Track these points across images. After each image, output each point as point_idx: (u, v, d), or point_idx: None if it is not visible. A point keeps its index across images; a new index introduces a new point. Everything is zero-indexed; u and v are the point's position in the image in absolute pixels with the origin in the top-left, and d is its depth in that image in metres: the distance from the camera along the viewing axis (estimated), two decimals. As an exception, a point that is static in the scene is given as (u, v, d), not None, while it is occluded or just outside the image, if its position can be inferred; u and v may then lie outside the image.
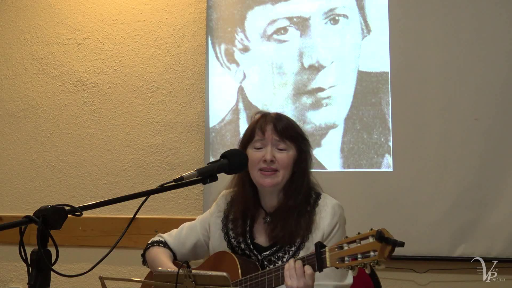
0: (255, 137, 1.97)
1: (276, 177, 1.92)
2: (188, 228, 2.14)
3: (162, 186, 1.47)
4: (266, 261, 1.94)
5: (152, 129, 3.52)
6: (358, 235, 1.52)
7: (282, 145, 1.94)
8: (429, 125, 2.96)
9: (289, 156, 1.93)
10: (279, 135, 1.93)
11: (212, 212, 2.11)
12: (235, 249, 2.00)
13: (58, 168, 3.66)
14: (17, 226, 1.22)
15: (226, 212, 2.07)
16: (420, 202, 2.93)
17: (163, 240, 2.13)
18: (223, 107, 3.30)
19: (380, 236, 1.43)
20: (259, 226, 2.01)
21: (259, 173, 1.93)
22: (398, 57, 3.02)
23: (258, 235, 1.99)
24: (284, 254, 1.92)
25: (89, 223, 3.46)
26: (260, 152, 1.94)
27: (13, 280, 3.66)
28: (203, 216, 2.16)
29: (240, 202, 2.01)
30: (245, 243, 1.99)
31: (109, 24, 3.64)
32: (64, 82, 3.69)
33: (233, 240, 2.01)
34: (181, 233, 2.13)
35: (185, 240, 2.11)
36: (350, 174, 3.04)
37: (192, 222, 2.16)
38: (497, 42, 2.89)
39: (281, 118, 2.00)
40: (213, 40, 3.34)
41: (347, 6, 3.13)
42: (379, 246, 1.44)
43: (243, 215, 2.00)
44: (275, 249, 1.93)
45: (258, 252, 1.96)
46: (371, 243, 1.46)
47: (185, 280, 1.53)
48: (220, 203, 2.10)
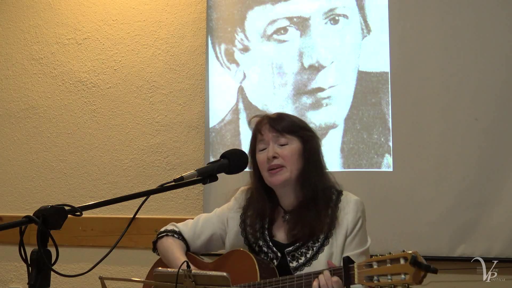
0: (257, 140, 1.98)
1: (284, 173, 1.92)
2: (204, 220, 2.12)
3: (162, 186, 1.47)
4: (290, 256, 1.92)
5: (152, 129, 3.52)
6: (389, 255, 1.50)
7: (283, 140, 1.94)
8: (429, 125, 2.96)
9: (292, 149, 1.93)
10: (276, 131, 1.94)
11: (231, 207, 2.10)
12: (252, 245, 1.99)
13: (58, 168, 3.66)
14: (17, 226, 1.22)
15: (245, 208, 2.05)
16: (420, 202, 2.93)
17: (177, 230, 2.10)
18: (223, 107, 3.30)
19: (414, 261, 1.42)
20: (278, 224, 2.00)
21: (268, 173, 1.94)
22: (398, 57, 3.02)
23: (277, 233, 1.99)
24: (308, 250, 1.91)
25: (89, 223, 3.46)
26: (265, 153, 1.95)
27: (13, 280, 3.66)
28: (221, 210, 2.13)
29: (257, 208, 2.00)
30: (263, 239, 1.97)
31: (109, 24, 3.64)
32: (64, 82, 3.69)
33: (251, 236, 2.00)
34: (197, 224, 2.11)
35: (200, 233, 2.09)
36: (350, 174, 3.04)
37: (208, 214, 2.15)
38: (497, 42, 2.89)
39: (279, 116, 2.01)
40: (213, 40, 3.34)
41: (347, 6, 3.13)
42: (412, 271, 1.43)
43: (261, 215, 2.00)
44: (298, 245, 1.92)
45: (278, 249, 1.95)
46: (403, 266, 1.45)
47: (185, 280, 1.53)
48: (239, 199, 2.09)
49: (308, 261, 1.89)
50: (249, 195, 2.07)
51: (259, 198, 2.00)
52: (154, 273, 1.66)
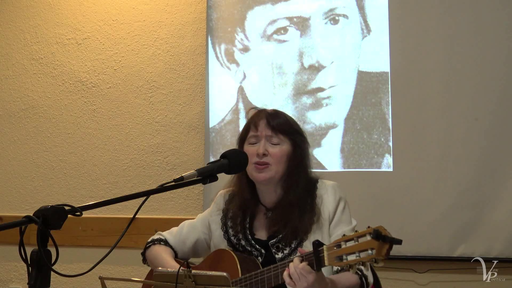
0: (250, 132, 1.99)
1: (269, 171, 1.93)
2: (188, 226, 2.14)
3: (162, 186, 1.47)
4: (274, 248, 1.93)
5: (152, 129, 3.52)
6: (355, 233, 1.51)
7: (275, 139, 1.95)
8: (429, 125, 2.96)
9: (282, 150, 1.94)
10: (271, 129, 1.95)
11: (211, 211, 2.11)
12: (235, 246, 2.00)
13: (58, 168, 3.66)
14: (17, 226, 1.22)
15: (225, 210, 2.07)
16: (420, 202, 2.93)
17: (163, 238, 2.12)
18: (223, 107, 3.30)
19: (377, 234, 1.42)
20: (259, 222, 2.01)
21: (253, 167, 1.94)
22: (398, 57, 3.02)
23: (258, 230, 2.00)
24: (292, 239, 1.91)
25: (89, 223, 3.46)
26: (254, 147, 1.95)
27: (13, 280, 3.66)
28: (203, 215, 2.16)
29: (239, 199, 2.02)
30: (245, 239, 1.99)
31: (109, 24, 3.64)
32: (64, 82, 3.69)
33: (233, 238, 2.01)
34: (181, 231, 2.13)
35: (185, 239, 2.11)
36: (350, 174, 3.04)
37: (192, 221, 2.17)
38: (497, 42, 2.89)
39: (277, 113, 2.01)
40: (213, 40, 3.35)
41: (347, 6, 3.13)
42: (377, 244, 1.42)
43: (242, 211, 2.00)
44: (281, 236, 1.93)
45: (261, 246, 1.95)
46: (368, 241, 1.45)
47: (185, 280, 1.53)
48: (218, 202, 2.11)
49: (293, 250, 1.90)
50: (227, 198, 2.08)
51: (242, 188, 2.00)
52: (154, 273, 1.66)
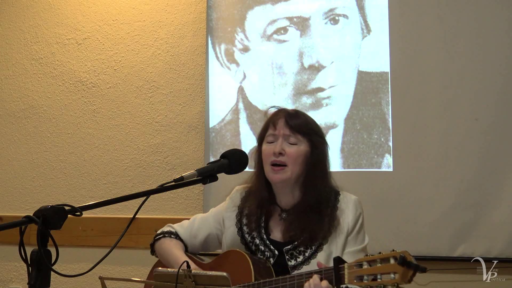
0: (268, 131, 1.98)
1: (285, 173, 1.92)
2: (200, 220, 2.12)
3: (162, 186, 1.47)
4: (288, 255, 1.92)
5: (152, 129, 3.52)
6: (379, 254, 1.50)
7: (293, 139, 1.94)
8: (429, 125, 2.96)
9: (299, 150, 1.93)
10: (290, 129, 1.94)
11: (227, 207, 2.09)
12: (248, 244, 1.98)
13: (58, 168, 3.66)
14: (17, 226, 1.22)
15: (240, 207, 2.05)
16: (420, 202, 2.93)
17: (174, 231, 2.10)
18: (223, 107, 3.30)
19: (403, 260, 1.42)
20: (274, 222, 2.00)
21: (270, 168, 1.94)
22: (398, 57, 3.02)
23: (274, 231, 1.98)
24: (306, 249, 1.90)
25: (89, 223, 3.46)
26: (272, 146, 1.95)
27: (13, 280, 3.66)
28: (217, 209, 2.13)
29: (255, 197, 2.00)
30: (260, 238, 1.97)
31: (109, 24, 3.64)
32: (64, 82, 3.69)
33: (247, 235, 1.99)
34: (193, 225, 2.11)
35: (197, 233, 2.09)
36: (350, 174, 3.04)
37: (204, 215, 2.15)
38: (497, 42, 2.89)
39: (297, 113, 2.00)
40: (213, 40, 3.35)
41: (347, 6, 3.13)
42: (401, 270, 1.43)
43: (258, 210, 1.99)
44: (296, 243, 1.92)
45: (275, 247, 1.94)
46: (392, 265, 1.45)
47: (185, 280, 1.53)
48: (234, 198, 2.09)
49: (307, 259, 1.89)
50: (244, 194, 2.07)
51: (260, 187, 1.99)
52: (154, 273, 1.66)
